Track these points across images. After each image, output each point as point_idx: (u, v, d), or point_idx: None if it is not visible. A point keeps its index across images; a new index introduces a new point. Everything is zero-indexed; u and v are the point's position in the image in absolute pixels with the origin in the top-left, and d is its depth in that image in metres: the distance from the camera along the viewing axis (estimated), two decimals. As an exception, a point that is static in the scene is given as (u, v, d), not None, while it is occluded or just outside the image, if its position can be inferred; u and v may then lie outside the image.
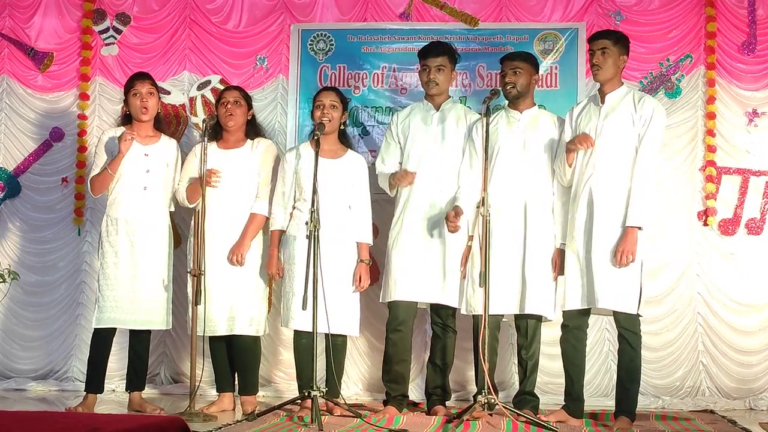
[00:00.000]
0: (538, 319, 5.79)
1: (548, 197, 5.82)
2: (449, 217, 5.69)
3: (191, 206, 6.03)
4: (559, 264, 5.73)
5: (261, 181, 6.10)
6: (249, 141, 6.17)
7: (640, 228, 5.47)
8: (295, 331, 5.86)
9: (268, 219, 6.10)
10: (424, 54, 6.01)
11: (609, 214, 5.51)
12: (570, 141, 5.64)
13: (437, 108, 6.03)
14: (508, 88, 5.83)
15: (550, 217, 5.80)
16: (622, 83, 5.71)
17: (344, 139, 6.13)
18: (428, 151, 5.96)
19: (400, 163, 6.03)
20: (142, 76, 6.14)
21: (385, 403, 5.94)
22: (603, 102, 5.65)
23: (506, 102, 6.00)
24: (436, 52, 5.99)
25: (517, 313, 5.77)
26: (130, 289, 5.94)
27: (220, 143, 6.17)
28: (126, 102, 6.13)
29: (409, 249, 5.89)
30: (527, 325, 5.78)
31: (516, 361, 6.27)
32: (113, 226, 6.00)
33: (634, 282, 5.48)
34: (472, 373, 6.60)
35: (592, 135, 5.59)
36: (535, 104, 5.95)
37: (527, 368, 5.82)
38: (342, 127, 6.09)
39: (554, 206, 5.79)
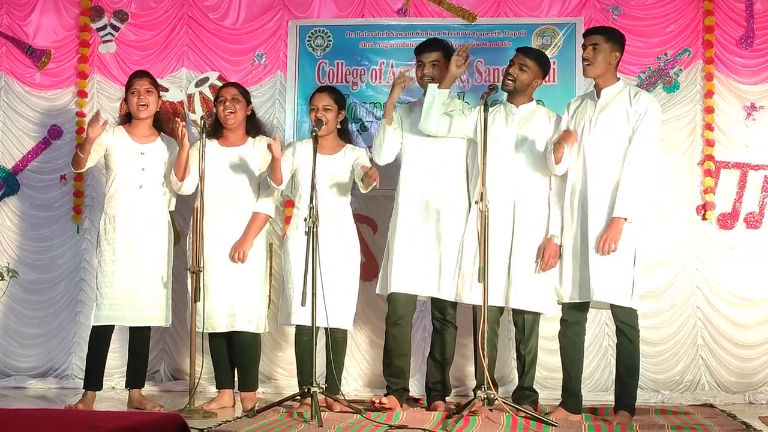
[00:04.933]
0: (536, 314, 5.80)
1: (540, 193, 5.82)
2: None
3: (180, 185, 5.99)
4: (551, 256, 5.72)
5: (263, 179, 6.10)
6: (250, 138, 6.18)
7: (626, 219, 5.47)
8: (297, 327, 5.87)
9: (270, 218, 6.13)
10: (419, 51, 6.04)
11: (603, 208, 5.52)
12: (557, 137, 5.65)
13: (435, 104, 6.03)
14: (507, 79, 5.83)
15: (541, 213, 5.80)
16: (618, 79, 5.72)
17: (343, 136, 6.13)
18: (426, 146, 5.96)
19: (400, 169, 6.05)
20: (140, 75, 6.16)
21: (386, 396, 5.95)
22: (599, 97, 5.66)
23: (504, 96, 6.00)
24: (430, 48, 6.00)
25: (503, 306, 5.78)
26: (129, 286, 5.94)
27: (221, 140, 6.18)
28: (126, 101, 6.15)
29: (407, 242, 5.90)
30: (524, 320, 5.79)
31: (515, 356, 6.27)
32: (111, 224, 6.01)
33: (628, 274, 5.49)
34: (472, 368, 6.61)
35: (586, 129, 5.63)
36: (532, 100, 5.96)
37: (525, 363, 5.82)
38: (339, 126, 6.08)
39: (550, 200, 5.80)
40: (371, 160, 6.07)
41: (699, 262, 6.77)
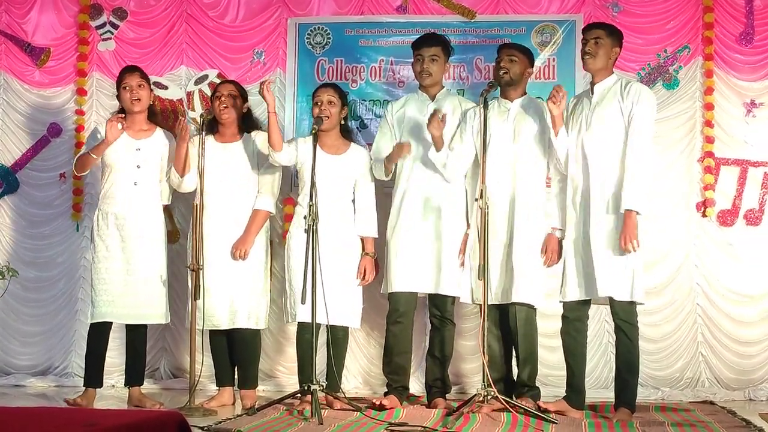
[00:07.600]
0: (530, 307, 5.78)
1: (538, 187, 5.83)
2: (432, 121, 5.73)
3: (181, 181, 5.97)
4: (555, 251, 5.72)
5: (261, 176, 6.09)
6: (246, 135, 6.18)
7: (637, 212, 5.46)
8: (299, 325, 5.86)
9: (270, 214, 6.12)
10: (418, 44, 6.03)
11: (603, 203, 5.52)
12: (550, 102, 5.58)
13: (432, 98, 6.04)
14: (501, 73, 5.84)
15: (539, 207, 5.79)
16: (613, 73, 5.71)
17: (346, 134, 6.13)
18: (424, 141, 5.96)
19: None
20: (130, 69, 6.15)
21: (386, 394, 5.95)
22: (593, 94, 5.67)
23: (498, 93, 6.00)
24: (430, 42, 6.00)
25: (507, 302, 5.76)
26: (123, 283, 5.93)
27: (217, 137, 6.18)
28: (118, 97, 6.14)
29: (407, 240, 5.90)
30: (516, 314, 5.76)
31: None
32: (104, 220, 6.01)
33: (629, 269, 5.47)
34: (471, 365, 6.62)
35: (583, 126, 5.63)
36: (525, 93, 5.96)
37: (520, 359, 5.80)
38: (342, 123, 6.09)
39: (552, 191, 5.80)
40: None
41: (699, 259, 6.77)
